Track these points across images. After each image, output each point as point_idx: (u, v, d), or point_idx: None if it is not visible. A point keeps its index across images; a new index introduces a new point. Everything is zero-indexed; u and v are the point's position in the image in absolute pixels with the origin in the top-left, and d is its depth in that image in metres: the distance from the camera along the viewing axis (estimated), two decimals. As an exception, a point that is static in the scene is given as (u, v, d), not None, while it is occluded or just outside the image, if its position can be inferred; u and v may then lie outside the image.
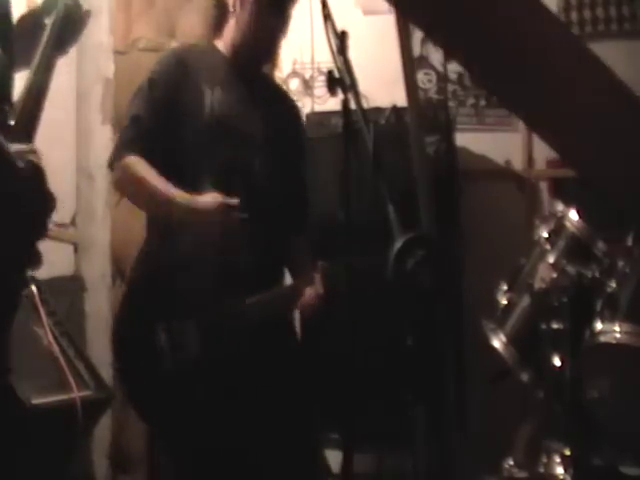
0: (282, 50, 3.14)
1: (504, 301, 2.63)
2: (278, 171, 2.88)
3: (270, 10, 2.80)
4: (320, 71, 3.92)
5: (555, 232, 2.56)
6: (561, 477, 2.40)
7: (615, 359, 2.35)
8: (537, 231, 2.63)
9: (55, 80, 2.52)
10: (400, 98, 3.03)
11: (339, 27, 2.34)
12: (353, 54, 2.33)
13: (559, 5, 3.72)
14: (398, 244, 1.98)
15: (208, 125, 2.77)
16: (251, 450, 2.77)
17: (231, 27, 2.85)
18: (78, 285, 3.85)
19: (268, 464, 2.79)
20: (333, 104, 2.60)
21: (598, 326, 2.36)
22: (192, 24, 3.93)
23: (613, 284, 2.39)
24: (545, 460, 2.45)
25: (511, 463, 2.55)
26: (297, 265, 2.93)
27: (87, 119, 3.86)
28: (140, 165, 2.73)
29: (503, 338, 2.59)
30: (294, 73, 4.04)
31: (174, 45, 3.96)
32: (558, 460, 2.43)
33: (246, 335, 2.72)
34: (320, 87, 3.95)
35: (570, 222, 2.54)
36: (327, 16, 2.35)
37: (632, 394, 2.36)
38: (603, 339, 2.35)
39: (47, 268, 2.48)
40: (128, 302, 2.83)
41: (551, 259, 2.51)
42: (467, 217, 3.57)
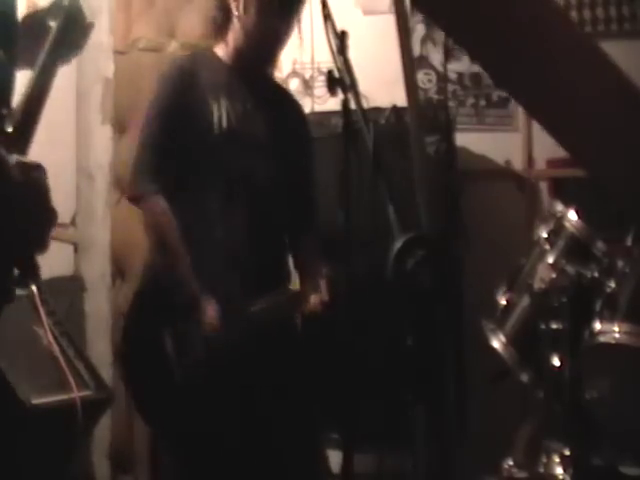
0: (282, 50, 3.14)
1: (504, 301, 2.63)
2: (285, 173, 2.88)
3: (275, 13, 2.79)
4: (320, 71, 3.91)
5: (555, 232, 2.56)
6: (561, 477, 2.40)
7: (614, 359, 2.35)
8: (537, 231, 2.63)
9: (55, 80, 2.52)
10: (400, 98, 3.02)
11: (339, 27, 2.34)
12: (353, 54, 2.33)
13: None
14: (398, 244, 1.98)
15: (215, 135, 2.78)
16: (254, 451, 2.77)
17: (235, 31, 2.84)
18: (78, 285, 3.85)
19: (271, 464, 2.79)
20: (333, 104, 2.60)
21: (597, 326, 2.36)
22: (192, 24, 3.93)
23: (612, 284, 2.39)
24: (545, 460, 2.45)
25: (511, 463, 2.55)
26: (306, 267, 2.93)
27: (87, 119, 3.86)
28: (166, 215, 2.74)
29: (503, 338, 2.59)
30: (294, 73, 4.04)
31: (174, 45, 3.97)
32: (558, 460, 2.43)
33: (251, 339, 2.73)
34: (320, 87, 3.94)
35: (569, 222, 2.53)
36: (327, 16, 2.35)
37: (632, 394, 2.36)
38: (602, 339, 2.35)
39: (47, 268, 2.48)
40: (136, 308, 2.84)
41: (550, 259, 2.51)
42: (467, 217, 3.56)
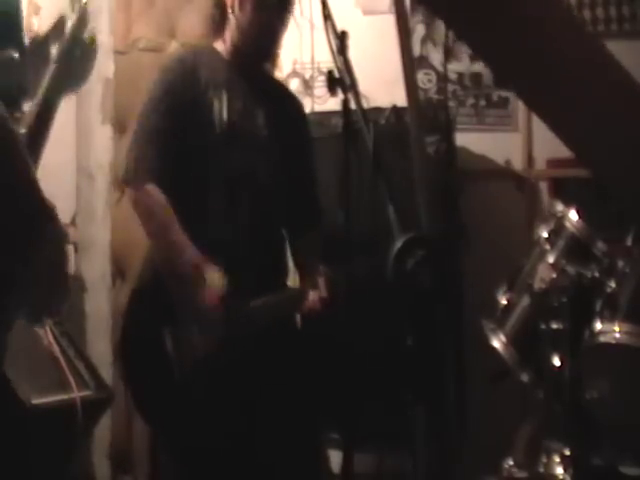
0: (282, 50, 3.14)
1: (504, 301, 2.63)
2: (286, 169, 2.89)
3: (269, 9, 2.81)
4: (320, 71, 3.91)
5: (555, 232, 2.56)
6: (561, 477, 2.40)
7: (615, 359, 2.35)
8: (537, 231, 2.63)
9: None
10: (400, 98, 3.02)
11: (339, 27, 2.34)
12: (353, 54, 2.33)
13: (559, 5, 3.72)
14: (398, 244, 1.98)
15: (216, 130, 2.78)
16: (254, 451, 2.78)
17: (231, 28, 2.86)
18: (78, 285, 3.85)
19: (270, 464, 2.79)
20: (333, 104, 2.60)
21: (598, 326, 2.36)
22: (192, 24, 3.93)
23: (613, 284, 2.38)
24: (545, 460, 2.45)
25: (511, 463, 2.55)
26: (306, 265, 2.93)
27: (87, 119, 3.86)
28: (159, 198, 2.73)
29: (503, 338, 2.58)
30: (294, 73, 4.04)
31: (174, 45, 3.97)
32: (558, 460, 2.42)
33: (250, 338, 2.73)
34: (320, 87, 3.94)
35: (570, 222, 2.53)
36: (327, 16, 2.36)
37: (632, 394, 2.36)
38: (603, 339, 2.34)
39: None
40: (135, 307, 2.84)
41: (551, 259, 2.51)
42: (467, 217, 3.56)
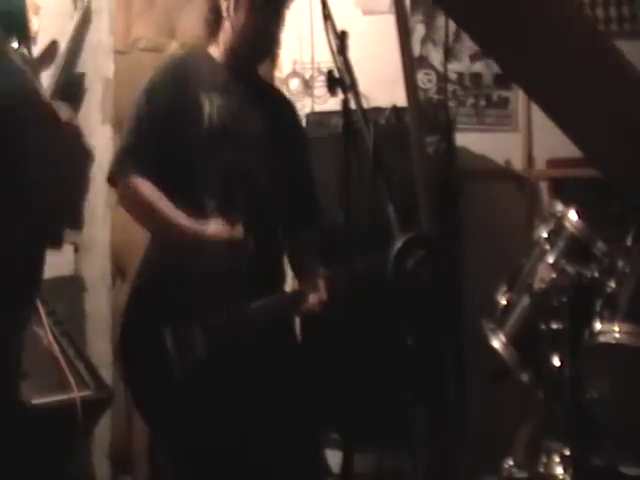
0: (282, 50, 3.14)
1: (504, 301, 2.63)
2: (282, 170, 2.89)
3: (264, 11, 2.83)
4: (320, 71, 3.91)
5: (555, 232, 2.56)
6: (561, 477, 2.40)
7: (615, 359, 2.35)
8: (537, 231, 2.63)
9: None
10: (400, 98, 3.02)
11: (339, 27, 2.34)
12: (353, 54, 2.33)
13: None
14: (398, 244, 1.98)
15: (208, 132, 2.79)
16: (254, 451, 2.78)
17: (226, 31, 2.88)
18: (78, 285, 3.85)
19: (269, 464, 2.79)
20: (333, 104, 2.60)
21: (597, 326, 2.36)
22: (192, 24, 3.92)
23: (613, 284, 2.38)
24: (545, 460, 2.45)
25: (511, 463, 2.55)
26: (304, 267, 2.93)
27: (87, 119, 3.86)
28: (146, 186, 2.75)
29: (503, 338, 2.58)
30: (294, 73, 4.04)
31: (174, 45, 3.98)
32: (558, 460, 2.42)
33: (250, 339, 2.73)
34: (320, 87, 3.94)
35: (570, 222, 2.53)
36: (327, 16, 2.35)
37: (632, 394, 2.36)
38: (602, 339, 2.34)
39: (47, 268, 2.48)
40: (134, 305, 2.84)
41: (551, 259, 2.51)
42: (467, 217, 3.56)
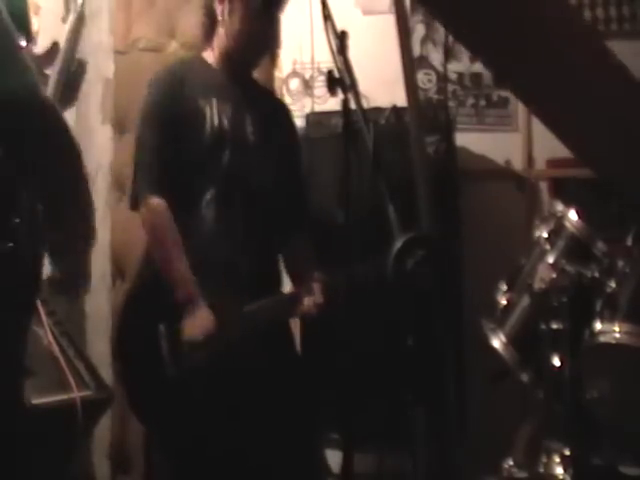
0: (282, 50, 3.14)
1: (504, 301, 2.63)
2: (276, 174, 2.90)
3: (258, 15, 2.84)
4: (320, 71, 3.91)
5: (555, 232, 2.56)
6: (561, 477, 2.40)
7: (615, 359, 2.34)
8: (537, 231, 2.63)
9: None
10: (400, 98, 3.03)
11: (339, 27, 2.34)
12: (353, 54, 2.33)
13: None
14: (398, 244, 1.98)
15: (209, 138, 2.81)
16: (250, 451, 2.78)
17: (221, 35, 2.89)
18: (78, 285, 3.84)
19: (266, 464, 2.79)
20: (333, 104, 2.60)
21: (598, 326, 2.36)
22: (192, 24, 3.92)
23: (613, 284, 2.38)
24: (545, 460, 2.45)
25: (511, 463, 2.55)
26: (299, 270, 2.93)
27: (87, 119, 3.86)
28: (165, 217, 2.76)
29: (503, 338, 2.58)
30: (294, 73, 4.03)
31: (174, 45, 3.98)
32: (558, 460, 2.42)
33: (245, 340, 2.73)
34: (320, 87, 3.94)
35: (570, 222, 2.53)
36: (327, 16, 2.36)
37: (632, 394, 2.36)
38: (603, 339, 2.34)
39: (47, 268, 2.49)
40: (131, 305, 2.84)
41: (551, 259, 2.51)
42: (467, 217, 3.56)
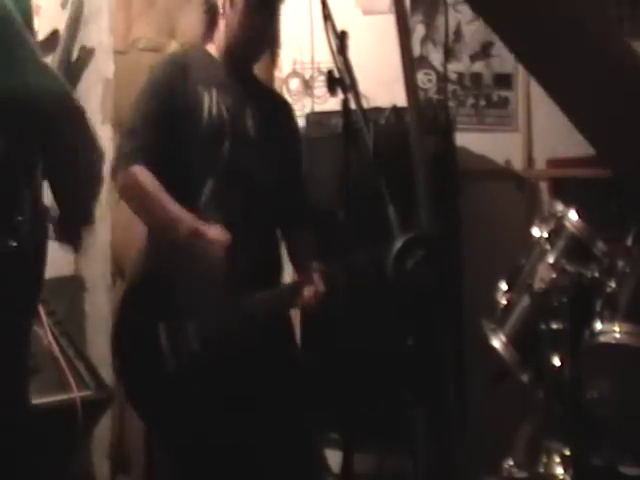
0: (282, 50, 3.14)
1: (504, 301, 2.63)
2: (276, 167, 2.90)
3: (258, 8, 2.84)
4: (320, 71, 3.91)
5: (555, 232, 2.56)
6: (561, 477, 2.40)
7: (615, 359, 2.35)
8: (536, 231, 2.63)
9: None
10: (400, 98, 3.03)
11: (339, 27, 2.34)
12: (353, 54, 2.33)
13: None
14: (398, 244, 1.99)
15: (207, 127, 2.80)
16: (250, 449, 2.78)
17: (221, 29, 2.89)
18: (78, 285, 3.85)
19: (267, 463, 2.79)
20: (333, 104, 2.61)
21: (598, 326, 2.36)
22: (192, 24, 3.92)
23: (613, 284, 2.38)
24: (545, 460, 2.45)
25: (511, 463, 2.55)
26: (299, 261, 2.94)
27: (87, 119, 3.85)
28: (145, 176, 2.73)
29: (503, 338, 2.59)
30: (294, 73, 4.04)
31: (174, 45, 3.98)
32: (558, 460, 2.43)
33: (246, 334, 2.73)
34: (320, 87, 3.94)
35: (570, 222, 2.53)
36: (327, 16, 2.36)
37: (632, 394, 2.36)
38: (603, 339, 2.34)
39: (47, 268, 2.48)
40: (129, 302, 2.84)
41: (551, 259, 2.51)
42: (467, 217, 3.56)
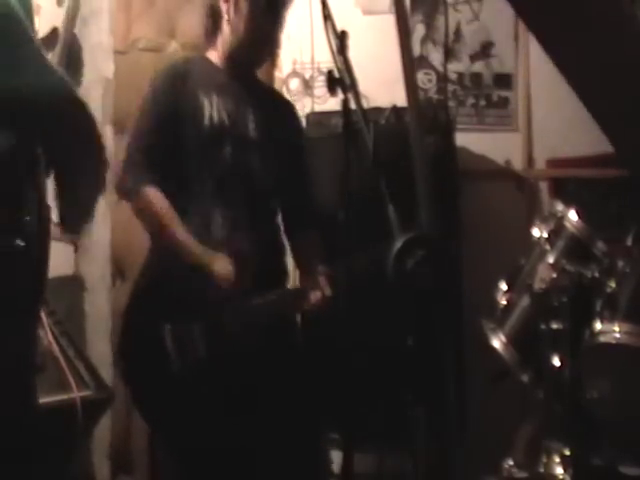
0: (282, 50, 3.14)
1: (504, 301, 2.63)
2: (279, 170, 2.90)
3: (264, 13, 2.84)
4: (320, 71, 3.91)
5: (555, 232, 2.56)
6: (561, 477, 2.41)
7: (615, 359, 2.35)
8: (536, 231, 2.63)
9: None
10: (400, 98, 3.03)
11: (339, 27, 2.34)
12: (353, 54, 2.33)
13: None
14: (398, 244, 1.99)
15: (209, 132, 2.82)
16: (254, 450, 2.78)
17: (226, 34, 2.89)
18: (78, 285, 3.85)
19: (271, 466, 2.79)
20: (333, 104, 2.60)
21: (598, 326, 2.36)
22: (192, 24, 3.92)
23: (613, 284, 2.39)
24: (545, 460, 2.45)
25: (511, 463, 2.55)
26: (304, 264, 2.94)
27: (87, 119, 3.85)
28: (159, 200, 2.77)
29: (503, 338, 2.59)
30: (294, 73, 4.04)
31: (174, 45, 3.99)
32: (558, 460, 2.43)
33: (250, 337, 2.73)
34: (320, 87, 3.94)
35: (570, 222, 2.54)
36: (327, 16, 2.36)
37: (632, 394, 2.36)
38: (603, 339, 2.35)
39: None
40: (134, 304, 2.84)
41: (551, 259, 2.51)
42: (467, 217, 3.56)
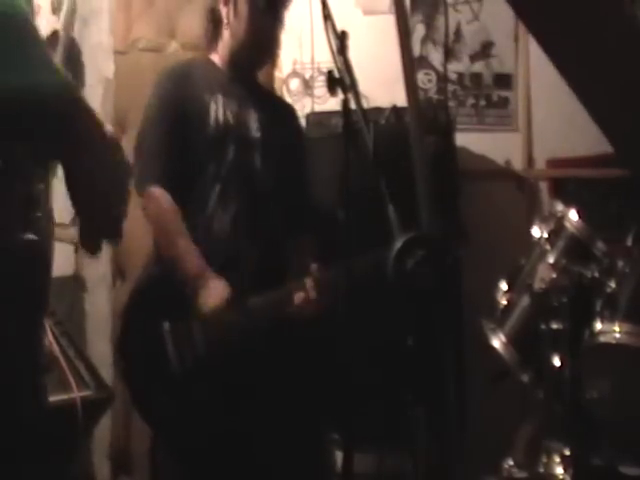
0: (282, 50, 3.14)
1: (504, 301, 2.63)
2: (279, 171, 2.91)
3: (263, 14, 2.87)
4: (320, 71, 3.91)
5: (555, 232, 2.56)
6: (561, 477, 2.40)
7: (615, 359, 2.35)
8: (536, 231, 2.63)
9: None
10: (400, 98, 3.02)
11: (339, 27, 2.34)
12: (353, 54, 2.33)
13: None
14: (398, 244, 1.99)
15: (214, 133, 2.83)
16: (255, 451, 2.78)
17: (226, 39, 2.92)
18: (78, 285, 3.85)
19: (272, 467, 2.79)
20: (333, 104, 2.60)
21: (598, 326, 2.36)
22: (192, 24, 3.92)
23: (613, 284, 2.39)
24: (545, 460, 2.45)
25: (511, 463, 2.55)
26: (294, 266, 2.94)
27: (87, 119, 3.85)
28: (164, 201, 2.80)
29: (503, 338, 2.59)
30: (294, 73, 4.04)
31: (174, 45, 3.99)
32: (558, 460, 2.43)
33: (248, 337, 2.73)
34: (320, 87, 3.94)
35: (570, 222, 2.53)
36: (327, 16, 2.36)
37: (632, 394, 2.36)
38: (603, 339, 2.35)
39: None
40: (134, 305, 2.84)
41: (551, 259, 2.51)
42: (467, 217, 3.56)
